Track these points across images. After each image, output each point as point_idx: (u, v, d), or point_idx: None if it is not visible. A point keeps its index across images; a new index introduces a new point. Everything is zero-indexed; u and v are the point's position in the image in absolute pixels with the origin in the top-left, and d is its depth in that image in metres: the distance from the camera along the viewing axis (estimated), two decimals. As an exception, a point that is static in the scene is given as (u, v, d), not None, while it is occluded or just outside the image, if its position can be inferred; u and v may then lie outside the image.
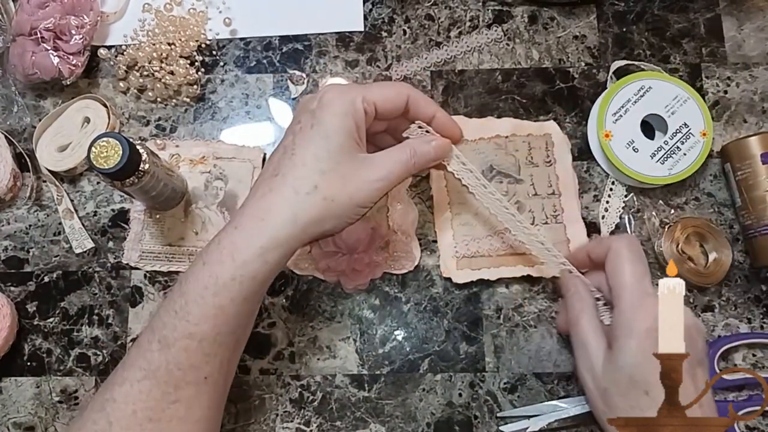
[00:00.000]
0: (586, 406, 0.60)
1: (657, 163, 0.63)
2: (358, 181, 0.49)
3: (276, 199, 0.47)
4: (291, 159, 0.48)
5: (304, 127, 0.49)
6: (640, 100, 0.64)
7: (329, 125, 0.48)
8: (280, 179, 0.48)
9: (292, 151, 0.48)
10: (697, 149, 0.63)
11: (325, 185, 0.47)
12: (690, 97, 0.64)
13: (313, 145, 0.48)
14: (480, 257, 0.64)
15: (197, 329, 0.46)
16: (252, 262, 0.46)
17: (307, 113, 0.50)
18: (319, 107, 0.49)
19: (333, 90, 0.50)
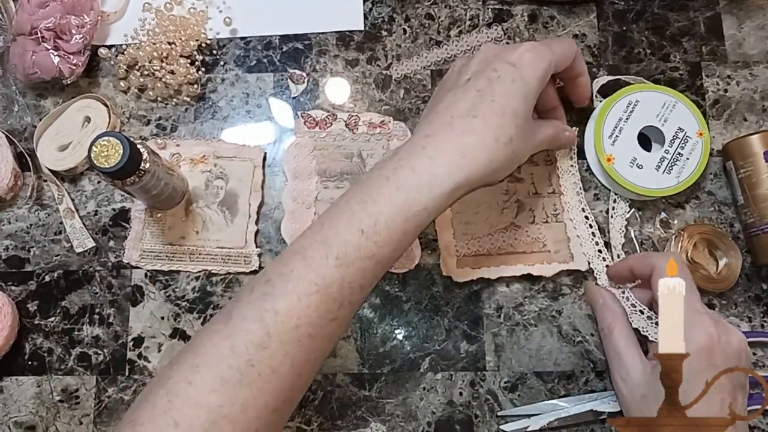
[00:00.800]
0: (586, 405, 0.60)
1: (664, 174, 0.63)
2: (530, 141, 0.53)
3: (477, 141, 0.48)
4: (491, 105, 0.49)
5: (503, 78, 0.50)
6: (631, 115, 0.64)
7: (531, 86, 0.51)
8: (481, 122, 0.49)
9: (491, 97, 0.50)
10: (698, 150, 0.63)
11: (517, 139, 0.50)
12: (678, 101, 0.64)
13: (514, 99, 0.50)
14: (480, 256, 0.64)
15: (380, 251, 0.46)
16: (446, 196, 0.48)
17: (505, 64, 0.51)
18: (521, 64, 0.51)
19: (534, 50, 0.52)
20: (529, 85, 0.51)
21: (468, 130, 0.49)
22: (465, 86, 0.52)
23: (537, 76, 0.51)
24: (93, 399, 0.63)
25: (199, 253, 0.65)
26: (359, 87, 0.68)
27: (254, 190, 0.66)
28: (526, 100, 0.50)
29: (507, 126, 0.49)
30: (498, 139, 0.49)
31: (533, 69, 0.51)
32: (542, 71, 0.51)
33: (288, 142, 0.67)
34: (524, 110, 0.50)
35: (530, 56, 0.51)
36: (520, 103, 0.50)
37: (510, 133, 0.49)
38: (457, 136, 0.49)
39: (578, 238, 0.64)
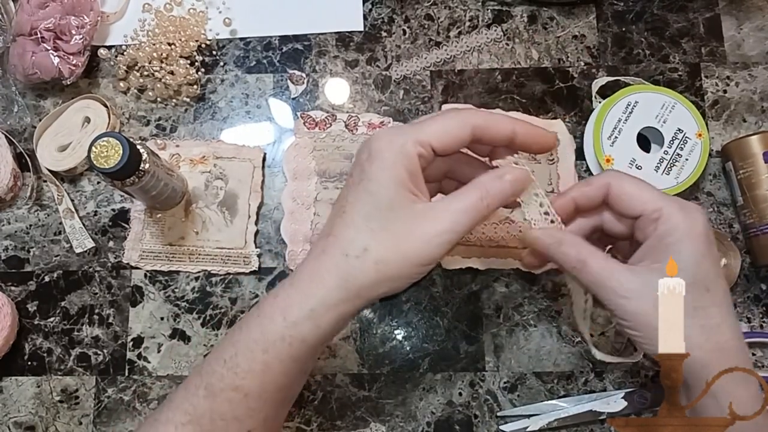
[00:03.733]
0: (585, 405, 0.60)
1: (663, 175, 0.63)
2: (415, 238, 0.43)
3: (327, 262, 0.44)
4: (342, 218, 0.45)
5: (354, 182, 0.45)
6: (630, 116, 0.64)
7: (375, 180, 0.44)
8: (332, 240, 0.44)
9: (342, 209, 0.45)
10: (697, 151, 0.63)
11: (376, 247, 0.43)
12: (677, 102, 0.64)
13: (361, 202, 0.44)
14: (471, 246, 0.64)
15: (243, 383, 0.44)
16: (302, 323, 0.44)
17: (357, 166, 0.46)
18: (368, 159, 0.44)
19: (382, 137, 0.45)
20: (375, 181, 0.43)
21: (321, 251, 0.45)
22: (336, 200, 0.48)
23: (382, 166, 0.43)
24: (92, 399, 0.63)
25: (198, 254, 0.65)
26: (359, 88, 0.69)
27: (254, 190, 0.66)
28: (375, 199, 0.43)
29: (357, 237, 0.43)
30: (348, 254, 0.43)
31: (378, 160, 0.44)
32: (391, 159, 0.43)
33: (287, 142, 0.67)
34: (378, 210, 0.43)
35: (376, 146, 0.44)
36: (368, 204, 0.44)
37: (363, 243, 0.43)
38: (312, 260, 0.45)
39: None
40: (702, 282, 0.43)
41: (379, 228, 0.43)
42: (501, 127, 0.46)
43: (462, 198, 0.45)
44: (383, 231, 0.43)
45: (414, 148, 0.44)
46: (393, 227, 0.43)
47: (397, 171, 0.43)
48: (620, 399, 0.60)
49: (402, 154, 0.43)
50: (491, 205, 0.45)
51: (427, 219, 0.43)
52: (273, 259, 0.65)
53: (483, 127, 0.45)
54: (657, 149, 0.64)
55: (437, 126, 0.45)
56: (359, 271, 0.43)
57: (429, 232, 0.43)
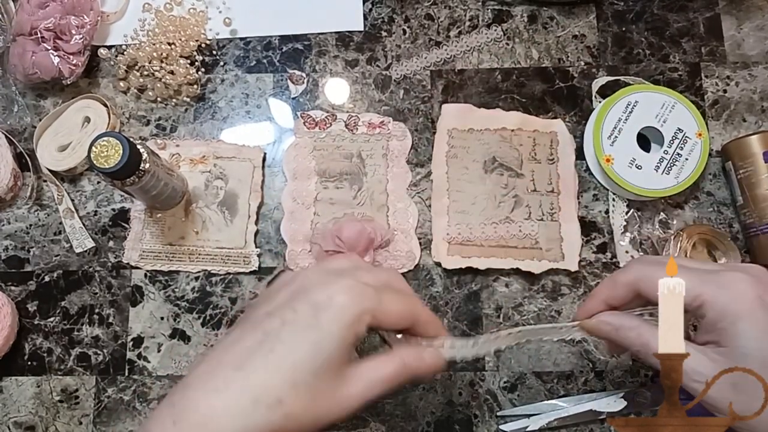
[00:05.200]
0: (585, 405, 0.60)
1: (663, 175, 0.63)
2: (330, 399, 0.41)
3: (228, 403, 0.39)
4: (265, 357, 0.40)
5: (298, 321, 0.41)
6: (630, 116, 0.64)
7: (327, 334, 0.40)
8: (243, 379, 0.39)
9: (271, 346, 0.40)
10: (697, 151, 0.63)
11: (292, 400, 0.39)
12: (677, 102, 0.64)
13: (299, 349, 0.40)
14: (471, 245, 0.64)
15: None
16: None
17: (307, 304, 0.42)
18: (326, 307, 0.41)
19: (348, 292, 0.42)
20: (325, 335, 0.40)
21: (222, 386, 0.39)
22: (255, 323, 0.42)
23: (342, 325, 0.41)
24: (92, 399, 0.63)
25: (198, 254, 0.65)
26: (359, 87, 0.69)
27: (254, 190, 0.66)
28: (317, 353, 0.40)
29: (276, 385, 0.39)
30: (258, 401, 0.38)
31: (338, 316, 0.41)
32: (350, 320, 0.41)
33: (287, 142, 0.67)
34: (312, 365, 0.40)
35: (341, 300, 0.41)
36: (306, 355, 0.40)
37: (279, 393, 0.39)
38: (206, 395, 0.39)
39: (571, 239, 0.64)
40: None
41: (302, 382, 0.40)
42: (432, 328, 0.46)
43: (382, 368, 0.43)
44: (305, 387, 0.40)
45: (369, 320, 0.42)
46: (315, 386, 0.40)
47: (350, 334, 0.41)
48: (620, 399, 0.60)
49: (360, 320, 0.41)
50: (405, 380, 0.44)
51: (345, 383, 0.42)
52: (273, 259, 0.65)
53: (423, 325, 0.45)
54: (657, 149, 0.64)
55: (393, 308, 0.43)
56: (266, 422, 0.39)
57: (344, 398, 0.41)
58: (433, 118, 0.67)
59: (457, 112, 0.67)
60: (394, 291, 0.46)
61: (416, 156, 0.67)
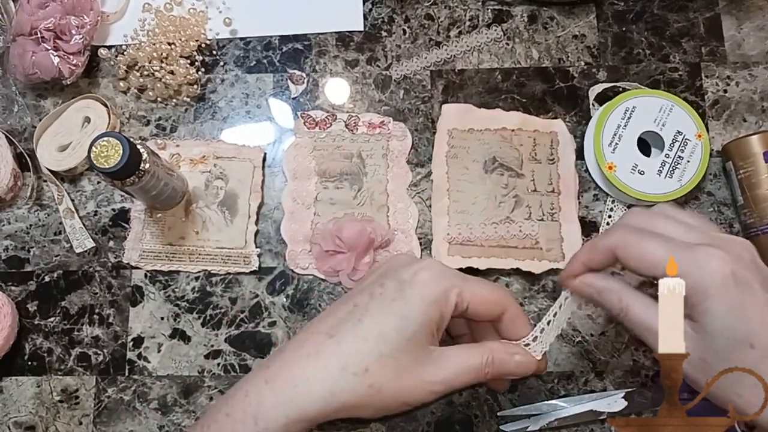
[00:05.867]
0: (586, 405, 0.60)
1: (666, 179, 0.63)
2: (416, 378, 0.42)
3: (319, 368, 0.42)
4: (354, 326, 0.42)
5: (385, 294, 0.43)
6: (629, 122, 0.64)
7: (413, 307, 0.42)
8: (334, 345, 0.42)
9: (360, 316, 0.43)
10: (698, 152, 0.63)
11: (377, 371, 0.41)
12: (674, 104, 0.64)
13: (386, 321, 0.42)
14: (471, 245, 0.64)
15: None
16: (274, 430, 0.41)
17: (394, 280, 0.44)
18: (411, 282, 0.43)
19: (432, 269, 0.44)
20: (411, 308, 0.42)
21: (314, 352, 0.42)
22: (347, 297, 0.46)
23: (424, 296, 0.42)
24: (93, 399, 0.63)
25: (198, 254, 0.65)
26: (359, 87, 0.68)
27: (254, 190, 0.66)
28: (402, 326, 0.42)
29: (363, 354, 0.41)
30: (345, 368, 0.41)
31: (422, 289, 0.43)
32: (435, 295, 0.43)
33: (288, 142, 0.67)
34: (398, 337, 0.42)
35: (425, 276, 0.43)
36: (392, 328, 0.42)
37: (366, 362, 0.41)
38: (299, 359, 0.42)
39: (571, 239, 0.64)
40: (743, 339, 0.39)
41: (388, 354, 0.41)
42: (524, 327, 0.47)
43: (469, 356, 0.44)
44: (391, 359, 0.42)
45: (456, 298, 0.43)
46: (401, 360, 0.42)
47: (434, 309, 0.43)
48: (620, 399, 0.60)
49: (445, 296, 0.43)
50: (489, 375, 0.44)
51: (432, 365, 0.43)
52: (273, 259, 0.65)
53: (511, 318, 0.46)
54: (657, 153, 0.64)
55: (480, 290, 0.45)
56: (351, 389, 0.41)
57: (429, 379, 0.43)
58: (433, 118, 0.67)
59: (457, 112, 0.67)
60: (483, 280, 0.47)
61: (416, 156, 0.67)
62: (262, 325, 0.64)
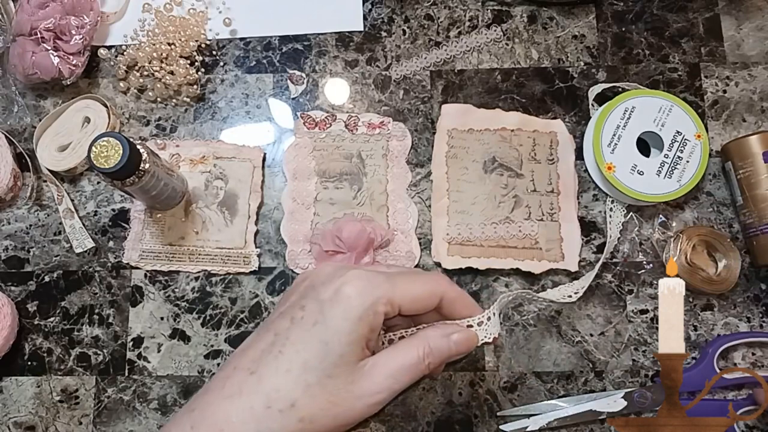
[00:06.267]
0: (585, 405, 0.60)
1: (665, 179, 0.63)
2: (350, 398, 0.39)
3: (242, 409, 0.38)
4: (276, 359, 0.39)
5: (306, 319, 0.40)
6: (628, 122, 0.64)
7: (335, 329, 0.39)
8: (255, 382, 0.39)
9: (280, 347, 0.39)
10: (698, 153, 0.63)
11: (306, 403, 0.38)
12: (674, 105, 0.64)
13: (308, 348, 0.39)
14: (471, 245, 0.64)
15: None
16: None
17: (314, 301, 0.41)
18: (332, 301, 0.40)
19: (353, 282, 0.40)
20: (334, 331, 0.39)
21: (236, 392, 0.39)
22: (268, 325, 0.42)
23: (348, 316, 0.39)
24: (92, 399, 0.63)
25: (198, 254, 0.65)
26: (359, 88, 0.69)
27: (254, 190, 0.66)
28: (327, 351, 0.39)
29: (288, 388, 0.38)
30: (271, 405, 0.38)
31: (344, 308, 0.39)
32: (359, 312, 0.39)
33: (287, 142, 0.67)
34: (323, 364, 0.38)
35: (347, 291, 0.40)
36: (315, 355, 0.39)
37: (291, 397, 0.38)
38: (222, 401, 0.39)
39: (571, 239, 0.64)
40: None
41: (315, 383, 0.38)
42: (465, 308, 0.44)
43: (404, 356, 0.41)
44: (319, 387, 0.39)
45: (384, 308, 0.40)
46: (330, 385, 0.39)
47: (360, 327, 0.39)
48: (620, 399, 0.60)
49: (371, 310, 0.40)
50: (432, 364, 0.42)
51: (365, 378, 0.40)
52: (273, 259, 0.65)
53: (450, 302, 0.43)
54: (657, 153, 0.64)
55: (411, 289, 0.42)
56: (280, 427, 0.38)
57: (365, 394, 0.40)
58: (433, 118, 0.67)
59: (457, 112, 0.67)
60: (411, 272, 0.44)
61: (416, 156, 0.67)
62: (262, 325, 0.64)
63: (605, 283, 0.64)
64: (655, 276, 0.64)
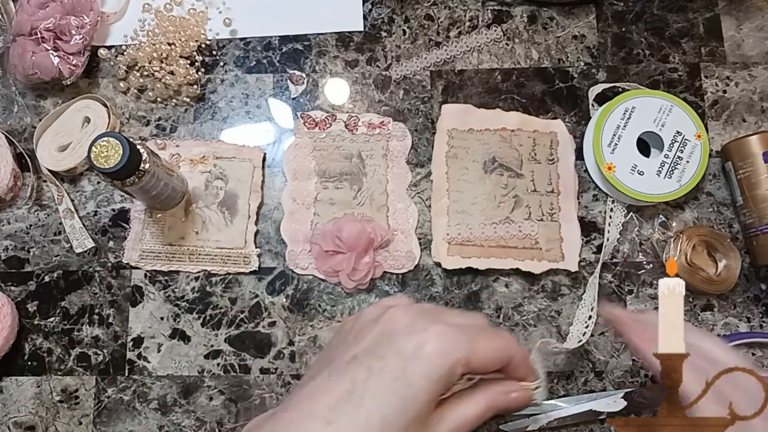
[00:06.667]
0: (585, 405, 0.60)
1: (666, 179, 0.63)
2: None
3: None
4: (355, 411, 0.38)
5: (385, 371, 0.39)
6: (629, 122, 0.64)
7: (417, 388, 0.39)
8: None
9: (360, 398, 0.39)
10: (698, 153, 0.63)
11: None
12: (674, 105, 0.64)
13: (388, 402, 0.38)
14: (471, 246, 0.64)
15: None
16: None
17: (395, 354, 0.40)
18: (415, 357, 0.39)
19: (438, 341, 0.40)
20: (415, 389, 0.39)
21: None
22: (341, 369, 0.41)
23: (429, 376, 0.39)
24: (92, 399, 0.63)
25: (198, 254, 0.65)
26: (359, 88, 0.69)
27: (254, 190, 0.66)
28: (406, 407, 0.38)
29: None
30: None
31: (428, 369, 0.39)
32: (441, 373, 0.39)
33: (287, 142, 0.67)
34: (401, 419, 0.38)
35: (431, 349, 0.39)
36: (394, 410, 0.38)
37: None
38: None
39: (571, 239, 0.64)
40: None
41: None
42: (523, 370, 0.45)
43: (468, 409, 0.42)
44: None
45: (461, 369, 0.40)
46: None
47: (439, 386, 0.39)
48: (620, 399, 0.60)
49: (450, 371, 0.40)
50: (489, 415, 0.43)
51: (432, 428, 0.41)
52: (273, 259, 0.65)
53: (515, 366, 0.44)
54: (657, 153, 0.64)
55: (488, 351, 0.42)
56: None
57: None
58: (433, 118, 0.67)
59: (457, 112, 0.67)
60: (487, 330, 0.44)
61: (416, 156, 0.67)
62: (261, 325, 0.64)
63: (605, 283, 0.64)
64: (655, 276, 0.64)
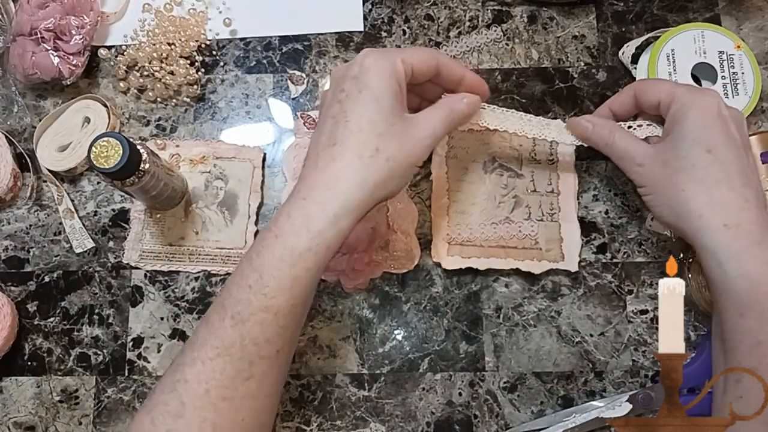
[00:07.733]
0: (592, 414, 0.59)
1: (735, 98, 0.64)
2: (411, 140, 0.50)
3: (341, 167, 0.48)
4: (346, 126, 0.48)
5: (350, 93, 0.49)
6: (676, 64, 0.65)
7: (377, 88, 0.49)
8: (340, 147, 0.48)
9: (345, 119, 0.48)
10: (746, 61, 0.65)
11: (385, 147, 0.48)
12: (703, 30, 0.65)
13: (366, 109, 0.48)
14: (471, 246, 0.64)
15: (273, 302, 0.46)
16: (326, 230, 0.47)
17: (349, 80, 0.50)
18: (362, 72, 0.49)
19: (372, 54, 0.50)
20: (377, 89, 0.49)
21: (330, 160, 0.48)
22: (322, 117, 0.51)
23: (380, 75, 0.49)
24: (92, 399, 0.63)
25: (198, 254, 0.65)
26: (359, 88, 0.68)
27: (254, 190, 0.66)
28: (379, 105, 0.49)
29: (367, 140, 0.48)
30: (362, 155, 0.48)
31: (374, 71, 0.49)
32: (387, 70, 0.49)
33: (287, 142, 0.67)
34: (382, 116, 0.49)
35: (369, 60, 0.50)
36: (373, 110, 0.49)
37: (373, 144, 0.48)
38: (321, 170, 0.48)
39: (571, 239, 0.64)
40: (704, 144, 0.50)
41: (384, 131, 0.48)
42: (456, 69, 0.54)
43: (436, 112, 0.52)
44: (388, 134, 0.48)
45: (401, 65, 0.50)
46: (395, 131, 0.49)
47: (392, 81, 0.49)
48: (625, 403, 0.59)
49: (394, 67, 0.49)
50: (455, 121, 0.53)
51: (415, 125, 0.51)
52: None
53: (444, 64, 0.53)
54: (713, 82, 0.65)
55: (415, 52, 0.52)
56: (374, 169, 0.48)
57: (420, 135, 0.50)
58: (433, 118, 0.67)
59: (457, 112, 0.67)
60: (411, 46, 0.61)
61: (416, 156, 0.67)
62: (261, 325, 0.64)
63: (605, 283, 0.64)
64: (655, 276, 0.64)
